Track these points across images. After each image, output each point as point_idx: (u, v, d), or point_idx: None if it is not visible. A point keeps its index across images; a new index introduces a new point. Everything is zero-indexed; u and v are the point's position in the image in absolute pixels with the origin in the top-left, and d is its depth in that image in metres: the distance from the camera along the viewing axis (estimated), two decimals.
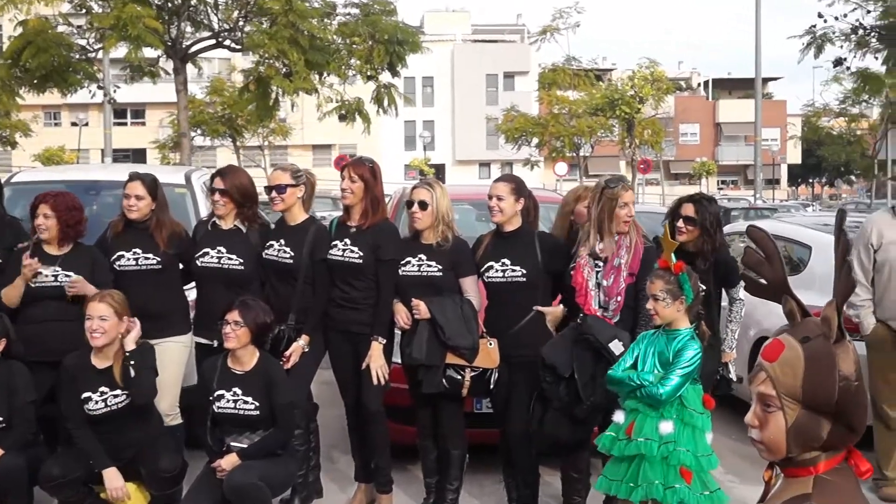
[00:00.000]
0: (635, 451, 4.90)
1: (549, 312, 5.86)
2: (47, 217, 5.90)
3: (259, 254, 6.12)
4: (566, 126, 44.44)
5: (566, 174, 43.17)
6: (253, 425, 5.53)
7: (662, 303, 5.00)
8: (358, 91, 21.46)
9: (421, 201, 5.87)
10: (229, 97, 38.91)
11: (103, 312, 5.50)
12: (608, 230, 5.73)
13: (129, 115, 63.17)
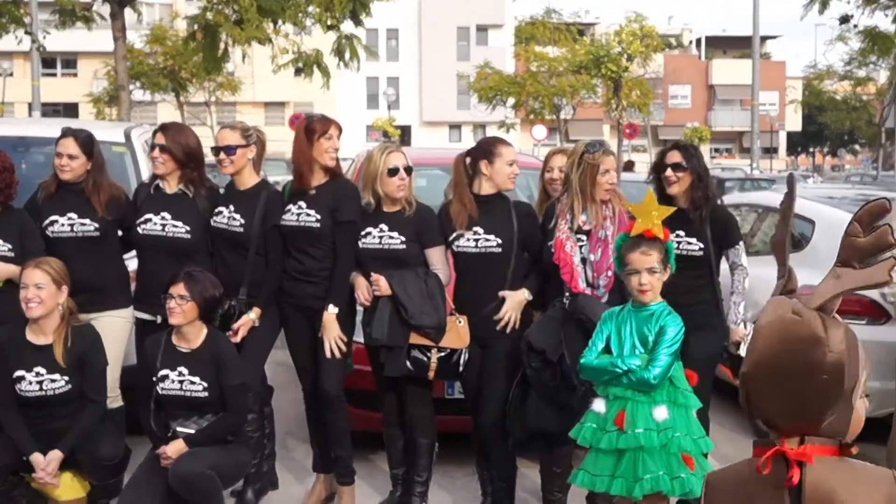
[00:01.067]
0: (634, 443, 4.86)
1: (511, 297, 5.84)
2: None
3: (207, 221, 6.09)
4: (545, 85, 44.47)
5: (545, 138, 43.18)
6: (201, 408, 5.52)
7: (658, 275, 5.00)
8: (316, 42, 21.36)
9: (407, 167, 5.86)
10: (172, 47, 38.67)
11: (39, 280, 5.45)
12: (591, 199, 5.73)
13: (59, 64, 62.53)
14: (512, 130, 48.83)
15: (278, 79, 28.83)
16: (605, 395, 5.01)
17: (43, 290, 5.45)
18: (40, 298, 5.45)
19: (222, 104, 49.62)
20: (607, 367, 4.94)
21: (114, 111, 35.58)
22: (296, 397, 6.70)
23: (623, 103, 43.01)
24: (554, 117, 45.96)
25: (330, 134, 5.94)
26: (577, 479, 5.10)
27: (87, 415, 5.59)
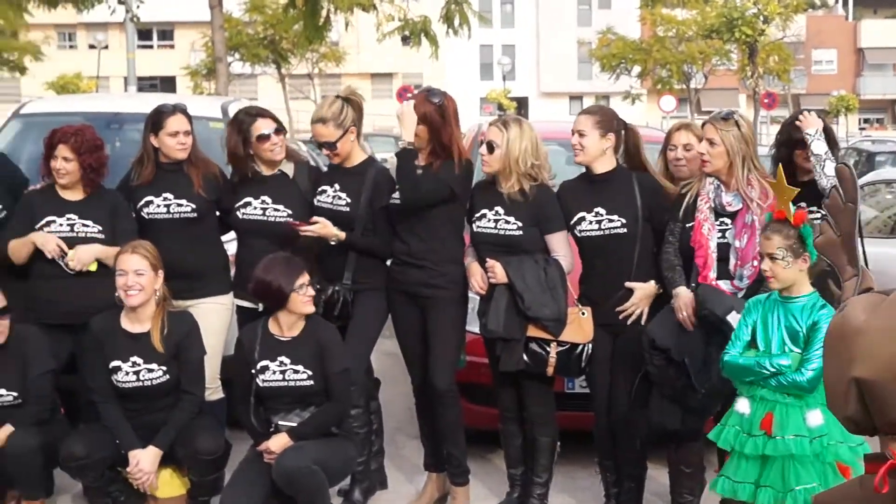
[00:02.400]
0: (783, 450, 4.75)
1: (640, 289, 5.77)
2: (67, 160, 5.93)
3: (310, 202, 6.13)
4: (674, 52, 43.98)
5: (674, 110, 42.66)
6: (305, 399, 5.58)
7: (782, 262, 4.86)
8: (424, 8, 21.36)
9: (489, 142, 5.81)
10: (272, 15, 39.03)
11: (138, 265, 5.55)
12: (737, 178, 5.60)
13: (155, 36, 63.73)
14: (638, 101, 48.41)
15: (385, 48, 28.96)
16: (751, 395, 4.90)
17: (143, 277, 5.55)
18: (141, 285, 5.54)
19: (326, 76, 50.03)
20: (753, 366, 4.82)
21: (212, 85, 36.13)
22: (405, 391, 6.72)
23: (760, 70, 42.30)
24: (683, 87, 45.42)
25: None
26: (718, 486, 5.02)
27: (184, 408, 5.69)
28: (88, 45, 58.45)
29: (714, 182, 5.61)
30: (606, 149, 5.77)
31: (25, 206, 6.05)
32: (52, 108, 9.43)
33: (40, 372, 5.68)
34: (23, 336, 5.72)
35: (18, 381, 5.65)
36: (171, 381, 5.66)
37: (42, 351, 5.72)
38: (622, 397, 5.80)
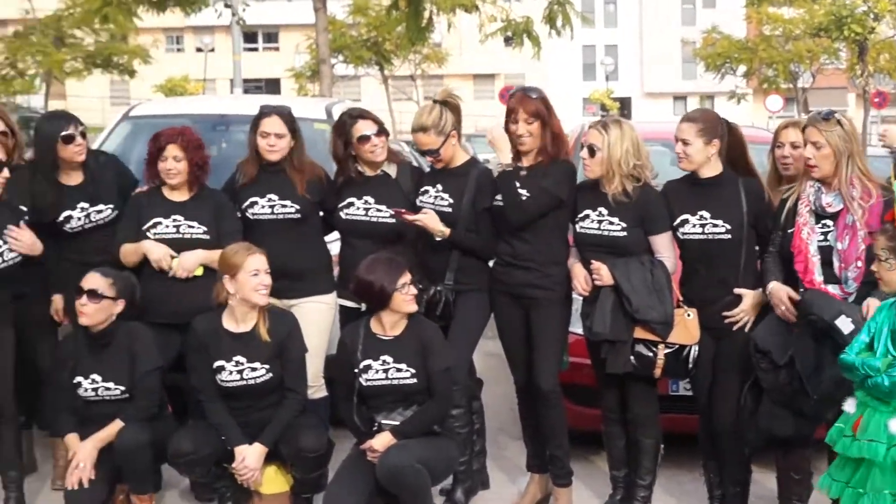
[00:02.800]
0: (857, 453, 4.72)
1: (748, 297, 5.68)
2: (177, 159, 6.03)
3: (412, 202, 6.16)
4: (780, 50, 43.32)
5: (780, 109, 42.07)
6: (408, 398, 5.60)
7: (885, 264, 4.78)
8: (526, 9, 21.33)
9: (590, 146, 5.78)
10: (375, 17, 39.25)
11: (267, 265, 5.68)
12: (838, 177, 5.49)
13: (260, 38, 64.49)
14: (743, 101, 47.77)
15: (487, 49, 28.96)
16: (857, 396, 4.84)
17: (268, 276, 5.65)
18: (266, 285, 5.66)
19: (428, 77, 50.18)
20: (857, 365, 4.75)
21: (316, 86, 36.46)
22: (508, 391, 6.71)
23: (870, 69, 41.45)
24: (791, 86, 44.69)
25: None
26: (821, 482, 5.03)
27: (287, 406, 5.74)
28: (195, 49, 59.30)
29: (815, 184, 5.51)
30: (711, 155, 5.71)
31: (133, 207, 6.16)
32: (160, 110, 9.60)
33: (148, 369, 5.78)
34: (133, 333, 5.82)
35: (127, 377, 5.75)
36: (275, 380, 5.72)
37: (150, 348, 5.82)
38: (726, 400, 5.73)
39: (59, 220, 6.20)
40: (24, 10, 42.21)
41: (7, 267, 5.66)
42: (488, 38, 21.52)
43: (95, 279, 5.73)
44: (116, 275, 5.82)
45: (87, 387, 5.76)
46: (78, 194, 6.24)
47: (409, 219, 5.96)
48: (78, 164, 6.26)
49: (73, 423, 5.80)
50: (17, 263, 5.73)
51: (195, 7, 20.66)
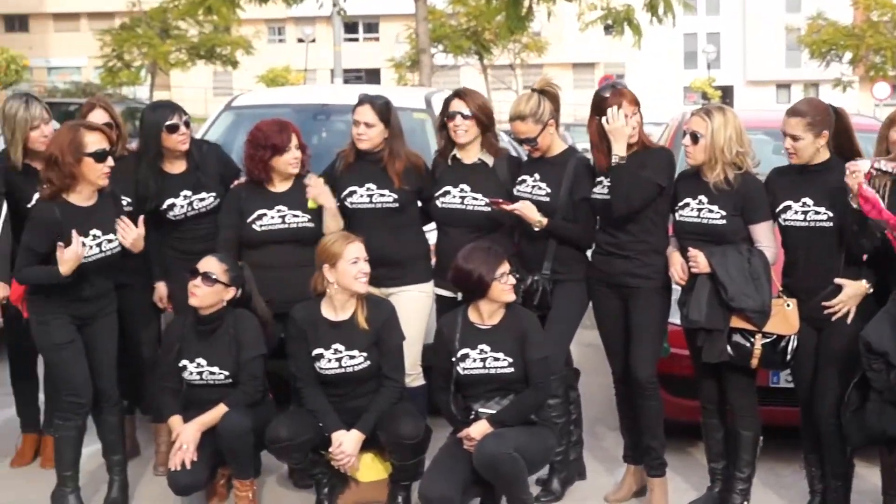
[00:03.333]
0: None
1: (849, 287, 5.58)
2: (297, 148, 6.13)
3: (509, 191, 6.16)
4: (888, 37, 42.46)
5: (888, 97, 41.22)
6: (505, 387, 5.61)
7: None
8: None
9: (693, 133, 5.72)
10: (475, 7, 39.29)
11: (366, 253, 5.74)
12: None
13: (361, 28, 64.93)
14: (849, 89, 46.93)
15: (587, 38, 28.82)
16: None
17: (367, 264, 5.72)
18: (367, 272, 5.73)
19: (528, 66, 50.12)
20: None
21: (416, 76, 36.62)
22: (605, 381, 6.68)
23: None
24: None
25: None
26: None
27: (385, 394, 5.79)
28: (297, 39, 59.94)
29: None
30: (821, 147, 5.62)
31: (233, 198, 6.24)
32: (261, 100, 9.69)
33: (253, 355, 5.85)
34: (239, 319, 5.90)
35: (231, 362, 5.84)
36: (372, 368, 5.77)
37: (254, 335, 5.89)
38: (828, 394, 5.64)
39: (162, 208, 6.31)
40: (131, 3, 43.09)
41: (108, 257, 5.76)
42: (588, 27, 21.38)
43: (212, 263, 5.83)
44: (232, 263, 5.92)
45: (192, 370, 5.86)
46: (181, 182, 6.34)
47: (506, 208, 5.96)
48: (182, 152, 6.36)
49: (177, 406, 5.91)
50: (117, 253, 5.83)
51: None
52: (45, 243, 5.58)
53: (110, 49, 42.96)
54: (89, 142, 5.61)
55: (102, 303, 5.90)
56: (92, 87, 43.36)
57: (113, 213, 5.82)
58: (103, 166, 5.66)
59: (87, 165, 5.61)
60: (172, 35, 42.51)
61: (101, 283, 5.85)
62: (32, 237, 5.65)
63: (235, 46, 43.12)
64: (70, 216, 5.61)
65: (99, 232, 5.72)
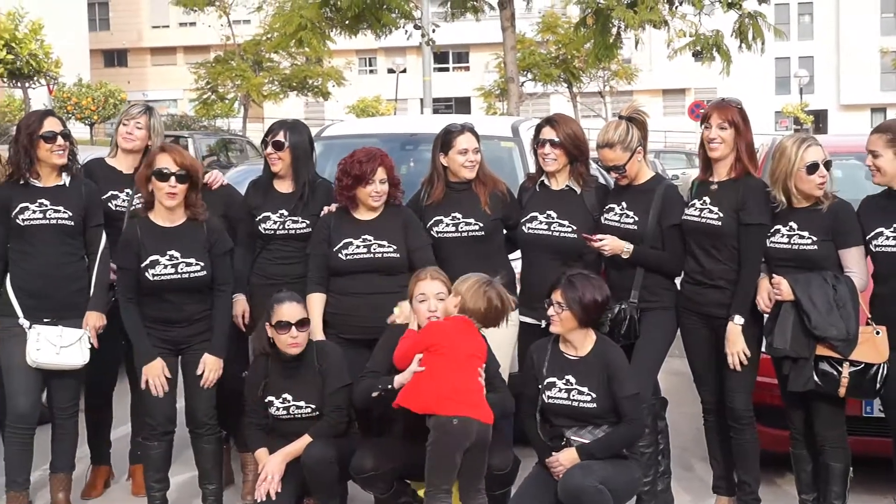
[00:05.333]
0: None
1: None
2: (383, 182, 6.11)
3: (596, 220, 6.13)
4: None
5: None
6: (587, 420, 5.56)
7: None
8: (716, 23, 21.01)
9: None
10: (564, 35, 39.28)
11: (441, 290, 5.67)
12: None
13: (451, 58, 65.17)
14: None
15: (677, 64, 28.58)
16: None
17: (443, 302, 5.66)
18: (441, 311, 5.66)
19: (617, 93, 49.93)
20: None
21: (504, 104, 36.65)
22: (693, 411, 6.60)
23: None
24: None
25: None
26: None
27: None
28: (387, 70, 60.37)
29: None
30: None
31: (322, 228, 6.27)
32: (350, 130, 9.75)
33: (338, 387, 5.87)
34: (322, 351, 5.93)
35: (316, 396, 5.87)
36: None
37: (340, 366, 5.91)
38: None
39: (257, 219, 6.40)
40: (225, 37, 43.73)
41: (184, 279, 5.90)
42: (677, 54, 21.25)
43: (296, 309, 5.87)
44: (299, 296, 5.97)
45: (278, 406, 5.90)
46: (282, 201, 6.42)
47: (595, 245, 5.93)
48: (288, 172, 6.42)
49: (264, 438, 5.95)
50: (197, 279, 5.94)
51: (385, 29, 20.99)
52: (129, 260, 5.83)
53: (205, 82, 43.65)
54: (157, 161, 5.89)
55: (196, 328, 6.00)
56: (187, 120, 44.03)
57: (200, 238, 5.94)
58: (165, 186, 5.84)
59: (155, 185, 5.87)
60: (265, 67, 43.08)
61: (189, 307, 5.96)
62: (118, 254, 5.94)
63: (327, 78, 43.55)
64: (149, 235, 5.86)
65: (177, 254, 5.86)
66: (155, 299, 5.91)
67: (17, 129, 6.14)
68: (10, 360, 5.98)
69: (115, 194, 6.45)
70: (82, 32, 58.52)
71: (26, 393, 6.00)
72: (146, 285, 5.88)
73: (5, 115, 41.23)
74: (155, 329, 5.93)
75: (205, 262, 5.95)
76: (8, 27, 37.72)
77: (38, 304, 6.00)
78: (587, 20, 20.66)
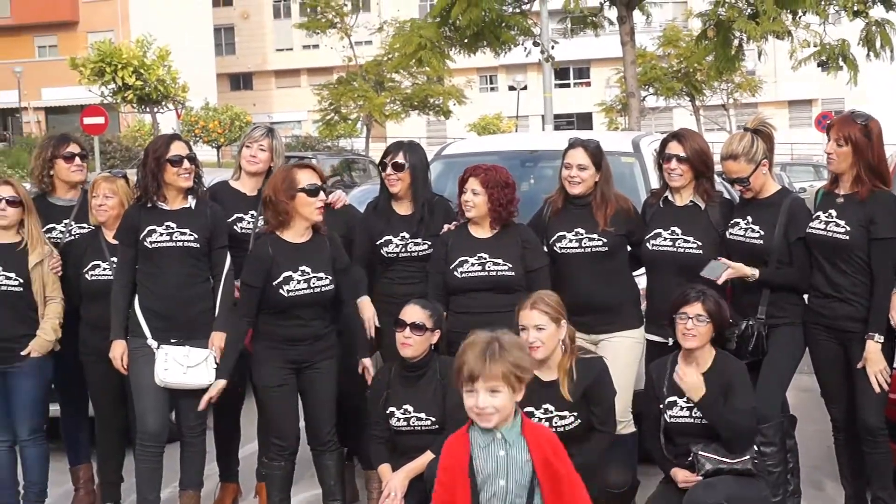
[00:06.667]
0: None
1: None
2: (476, 194, 6.13)
3: (721, 234, 6.06)
4: None
5: None
6: (711, 436, 5.49)
7: None
8: (842, 32, 20.61)
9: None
10: (685, 48, 38.94)
11: (539, 321, 5.49)
12: None
13: (571, 74, 65.03)
14: None
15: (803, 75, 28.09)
16: None
17: (543, 332, 5.49)
18: (541, 341, 5.50)
19: (741, 106, 49.32)
20: None
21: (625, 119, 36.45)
22: (823, 428, 6.46)
23: None
24: None
25: None
26: None
27: (595, 444, 5.68)
28: (508, 87, 60.41)
29: None
30: None
31: (441, 245, 6.29)
32: (470, 148, 9.75)
33: (459, 403, 5.85)
34: (444, 365, 5.92)
35: (437, 409, 5.87)
36: (582, 426, 5.66)
37: None
38: None
39: (378, 243, 6.44)
40: (347, 58, 44.25)
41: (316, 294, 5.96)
42: (802, 64, 20.90)
43: (417, 311, 5.88)
44: (433, 307, 5.96)
45: (399, 416, 5.91)
46: (403, 224, 6.46)
47: (720, 282, 5.84)
48: (407, 193, 6.47)
49: (387, 454, 5.97)
50: (328, 293, 6.01)
51: (505, 47, 21.00)
52: (259, 278, 5.87)
53: (328, 103, 44.23)
54: (302, 178, 5.91)
55: (320, 346, 6.06)
56: (311, 141, 44.65)
57: (326, 252, 6.00)
58: (316, 201, 5.90)
59: (301, 201, 5.89)
60: (387, 87, 43.47)
61: (314, 323, 6.02)
62: (247, 272, 5.96)
63: (448, 96, 43.79)
64: (280, 252, 5.90)
65: (308, 269, 5.93)
66: (283, 317, 5.97)
67: (144, 154, 6.27)
68: (140, 380, 6.09)
69: (240, 217, 6.55)
70: (209, 57, 59.94)
71: (155, 411, 6.11)
72: (278, 302, 5.93)
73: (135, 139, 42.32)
74: (278, 349, 5.97)
75: (332, 276, 6.03)
76: (137, 54, 38.79)
77: (166, 325, 6.10)
78: (708, 33, 20.41)
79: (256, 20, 68.24)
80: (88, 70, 39.29)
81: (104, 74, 38.97)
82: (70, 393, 6.72)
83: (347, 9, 42.71)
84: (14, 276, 6.21)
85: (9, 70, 48.67)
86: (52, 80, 52.95)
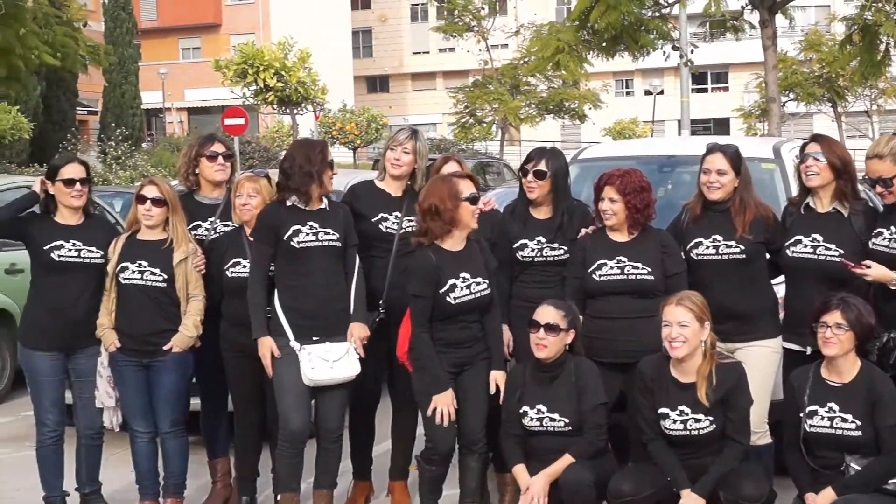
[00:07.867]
0: None
1: None
2: (613, 201, 6.10)
3: (864, 244, 5.95)
4: None
5: None
6: (850, 449, 5.40)
7: None
8: None
9: None
10: (828, 53, 38.17)
11: (683, 318, 5.55)
12: None
13: (709, 79, 64.21)
14: None
15: None
16: None
17: (687, 329, 5.53)
18: (685, 338, 5.53)
19: (885, 112, 48.13)
20: None
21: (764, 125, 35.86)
22: None
23: None
24: None
25: None
26: None
27: (728, 455, 5.62)
28: (644, 91, 59.98)
29: None
30: None
31: (579, 250, 6.27)
32: (607, 153, 9.71)
33: (596, 403, 5.85)
34: (580, 367, 5.92)
35: (571, 410, 5.86)
36: (717, 431, 5.62)
37: (597, 383, 5.89)
38: None
39: (514, 246, 6.46)
40: (483, 61, 44.36)
41: (477, 299, 6.05)
42: None
43: (551, 312, 5.88)
44: (566, 306, 5.96)
45: (532, 416, 5.92)
46: (540, 228, 6.47)
47: (858, 272, 5.72)
48: (546, 199, 6.47)
49: (521, 453, 5.97)
50: (486, 296, 6.08)
51: (643, 50, 20.83)
52: (430, 289, 5.92)
53: (463, 106, 44.38)
54: (463, 188, 5.99)
55: (477, 348, 6.12)
56: (446, 143, 44.86)
57: (479, 257, 6.08)
58: (475, 209, 6.01)
59: (464, 209, 5.96)
60: (522, 91, 43.44)
61: (474, 326, 6.10)
62: (416, 284, 5.98)
63: (583, 100, 43.58)
64: (443, 261, 5.96)
65: (468, 274, 5.99)
66: (446, 323, 6.02)
67: (290, 156, 6.34)
68: (282, 380, 6.18)
69: (384, 216, 6.60)
70: (346, 60, 60.68)
71: (298, 411, 6.19)
72: (446, 310, 5.99)
73: (274, 140, 43.02)
74: (441, 353, 6.01)
75: (488, 279, 6.10)
76: (278, 56, 39.42)
77: (310, 324, 6.19)
78: (853, 37, 19.98)
79: (394, 23, 68.92)
80: (231, 72, 40.08)
81: (246, 76, 39.73)
82: (210, 387, 6.85)
83: (484, 12, 42.75)
84: (159, 272, 6.36)
85: (154, 71, 49.87)
86: (195, 81, 54.22)
